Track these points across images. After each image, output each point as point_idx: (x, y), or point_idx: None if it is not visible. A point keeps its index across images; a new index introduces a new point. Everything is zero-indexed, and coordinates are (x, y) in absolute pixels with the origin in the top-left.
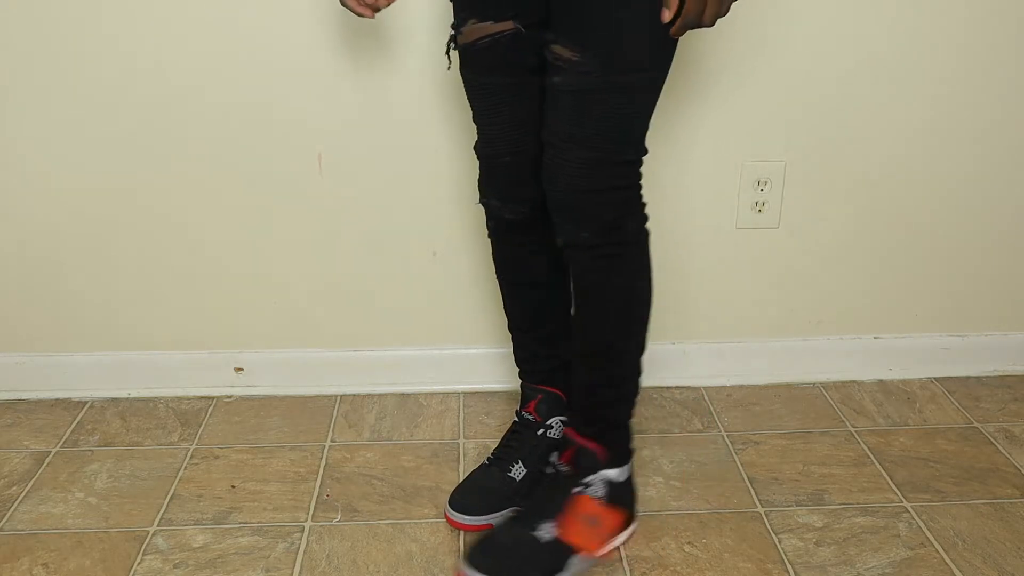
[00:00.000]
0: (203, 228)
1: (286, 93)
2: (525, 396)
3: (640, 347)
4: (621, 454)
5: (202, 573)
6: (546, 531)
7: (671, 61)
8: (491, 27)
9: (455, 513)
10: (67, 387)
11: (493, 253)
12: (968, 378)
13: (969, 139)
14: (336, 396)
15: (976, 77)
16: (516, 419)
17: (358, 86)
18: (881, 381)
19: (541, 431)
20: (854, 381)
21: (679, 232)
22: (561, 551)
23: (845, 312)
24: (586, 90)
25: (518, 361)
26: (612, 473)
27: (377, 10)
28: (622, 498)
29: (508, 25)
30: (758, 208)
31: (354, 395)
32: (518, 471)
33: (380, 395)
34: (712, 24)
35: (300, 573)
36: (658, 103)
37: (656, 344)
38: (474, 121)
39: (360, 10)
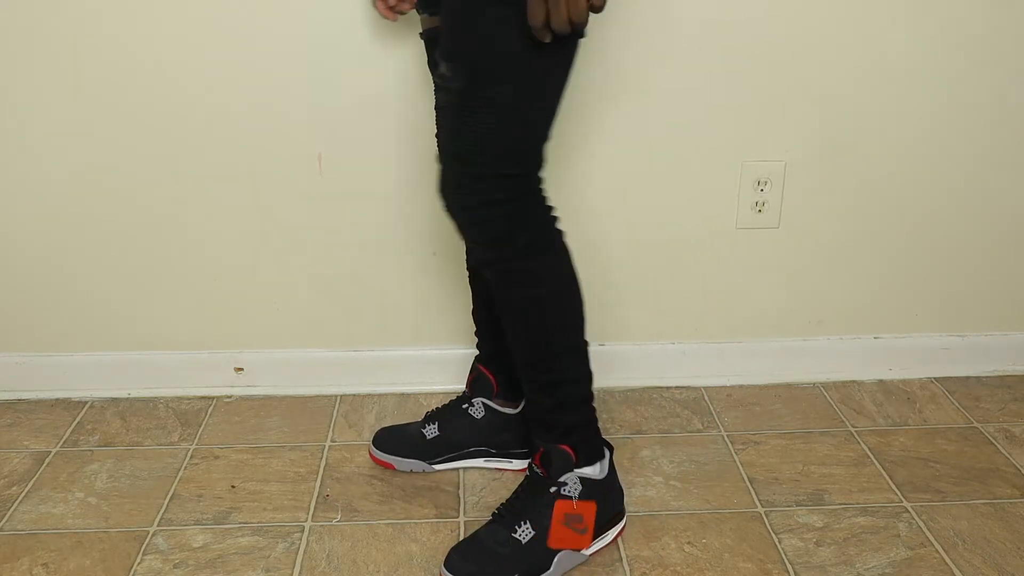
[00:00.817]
0: (203, 228)
1: (286, 93)
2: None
3: (570, 352)
4: (591, 453)
5: (202, 573)
6: (525, 532)
7: (549, 71)
8: (428, 20)
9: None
10: (67, 387)
11: None
12: (968, 378)
13: (969, 139)
14: (336, 396)
15: (976, 77)
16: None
17: (358, 86)
18: (881, 381)
19: (465, 405)
20: (854, 381)
21: (679, 232)
22: (543, 551)
23: (845, 312)
24: (457, 106)
25: None
26: (587, 471)
27: (402, 13)
28: (603, 494)
29: (437, 21)
30: (758, 208)
31: (354, 395)
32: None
33: (380, 395)
34: (570, 29)
35: (300, 573)
36: (659, 101)
37: (656, 344)
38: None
39: (386, 14)
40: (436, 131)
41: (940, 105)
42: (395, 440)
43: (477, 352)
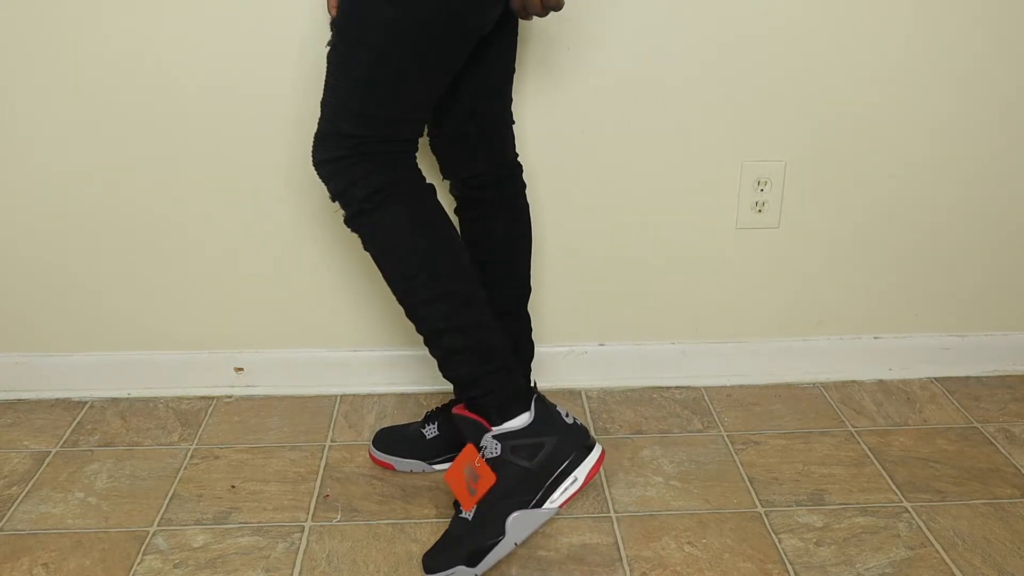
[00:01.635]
0: (203, 228)
1: (287, 93)
2: None
3: (440, 299)
4: (503, 407)
5: (202, 573)
6: (465, 511)
7: (411, 47)
8: None
9: None
10: (67, 387)
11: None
12: (968, 378)
13: (969, 139)
14: (336, 396)
15: (976, 77)
16: None
17: None
18: (881, 381)
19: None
20: (854, 381)
21: (679, 232)
22: (490, 520)
23: (845, 312)
24: (327, 62)
25: None
26: (507, 426)
27: (554, 8)
28: (534, 443)
29: None
30: (758, 208)
31: (354, 395)
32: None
33: (380, 395)
34: (546, 10)
35: (300, 573)
36: (659, 101)
37: (656, 344)
38: None
39: (537, 10)
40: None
41: (940, 105)
42: (395, 440)
43: None
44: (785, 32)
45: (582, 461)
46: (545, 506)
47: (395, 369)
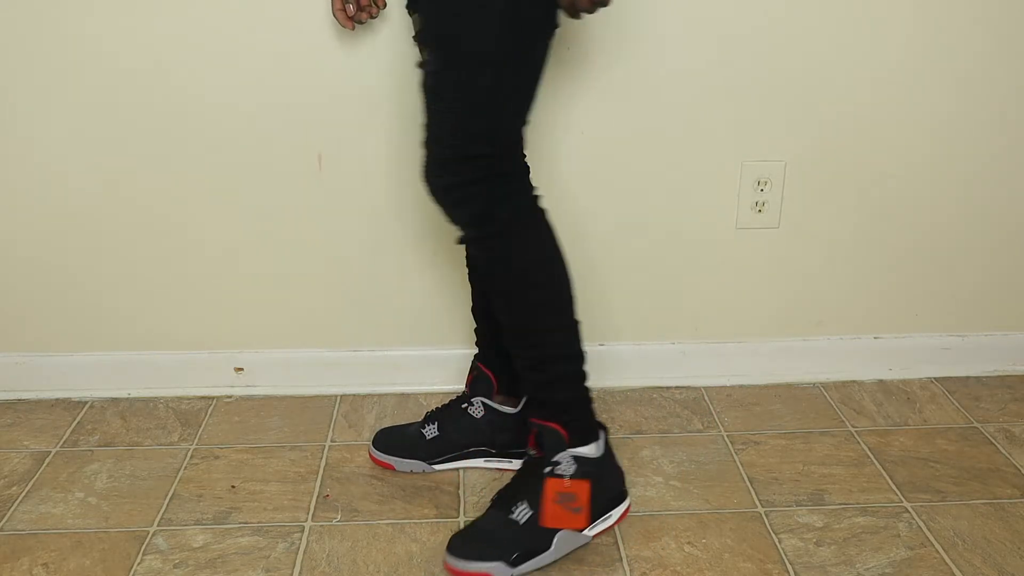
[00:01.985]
0: (203, 228)
1: (286, 93)
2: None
3: (558, 329)
4: (585, 433)
5: (202, 573)
6: (522, 512)
7: (520, 58)
8: (418, 20)
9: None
10: (67, 387)
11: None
12: (968, 378)
13: (969, 139)
14: (336, 396)
15: (976, 77)
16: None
17: (359, 86)
18: (881, 381)
19: (465, 405)
20: (854, 381)
21: (679, 232)
22: (541, 531)
23: (845, 312)
24: (433, 90)
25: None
26: (581, 450)
27: (360, 22)
28: (599, 473)
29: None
30: (758, 208)
31: (354, 395)
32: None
33: (380, 395)
34: (595, 7)
35: (300, 573)
36: (659, 101)
37: (656, 344)
38: None
39: (345, 23)
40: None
41: (940, 105)
42: (395, 441)
43: (477, 351)
44: (785, 32)
45: (619, 504)
46: (585, 532)
47: (395, 369)
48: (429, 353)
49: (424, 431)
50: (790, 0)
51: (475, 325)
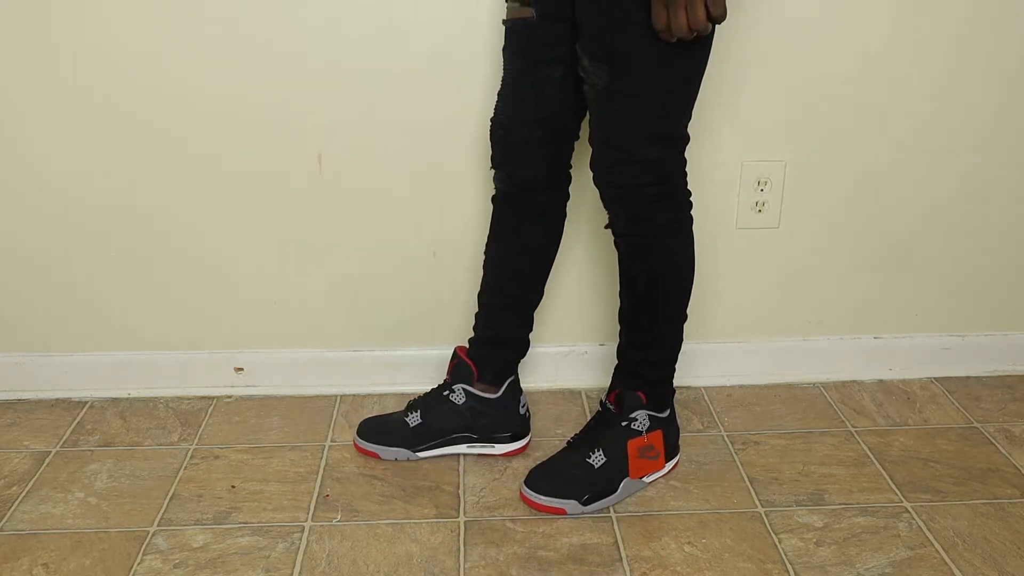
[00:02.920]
0: (203, 228)
1: (286, 93)
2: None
3: (671, 322)
4: (662, 402)
5: (202, 573)
6: (597, 458)
7: (682, 63)
8: (517, 10)
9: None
10: (67, 387)
11: (492, 219)
12: (968, 378)
13: (969, 139)
14: (336, 396)
15: (976, 77)
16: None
17: (358, 86)
18: (881, 381)
19: (447, 392)
20: (854, 381)
21: None
22: (612, 475)
23: (845, 312)
24: (602, 98)
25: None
26: (654, 412)
27: None
28: (666, 429)
29: (528, 12)
30: (758, 208)
31: (354, 395)
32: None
33: (380, 395)
34: (691, 34)
35: (300, 573)
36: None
37: None
38: (498, 95)
39: None
40: (494, 115)
41: (940, 105)
42: (379, 429)
43: (470, 336)
44: (786, 32)
45: (674, 457)
46: (642, 478)
47: (395, 369)
48: (429, 353)
49: (407, 419)
50: (791, 0)
51: (477, 310)
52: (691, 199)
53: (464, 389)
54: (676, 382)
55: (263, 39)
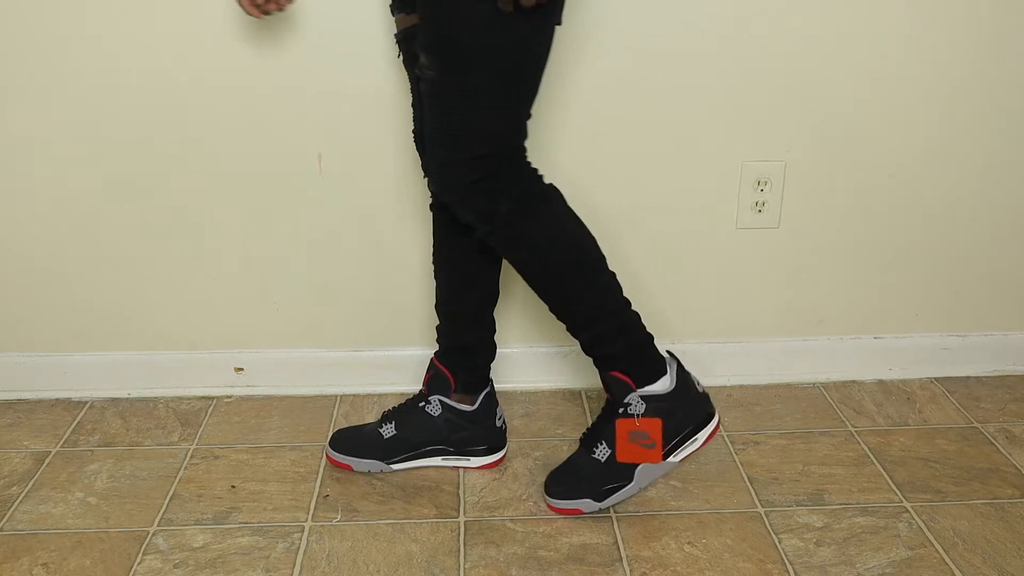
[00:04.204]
0: (203, 228)
1: (286, 93)
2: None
3: (590, 290)
4: (648, 373)
5: (202, 573)
6: (602, 451)
7: (519, 59)
8: (404, 19)
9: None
10: (67, 387)
11: (432, 227)
12: (968, 378)
13: (969, 139)
14: (336, 396)
15: (977, 78)
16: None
17: (358, 86)
18: (881, 381)
19: (423, 404)
20: (854, 381)
21: (679, 232)
22: (621, 466)
23: (845, 312)
24: (434, 94)
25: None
26: (650, 389)
27: (267, 13)
28: (672, 407)
29: (413, 19)
30: (758, 208)
31: (354, 395)
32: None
33: (380, 395)
34: (533, 2)
35: (300, 573)
36: (659, 101)
37: (656, 344)
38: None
39: (251, 11)
40: (413, 126)
41: (940, 105)
42: (352, 441)
43: (436, 348)
44: (785, 32)
45: (704, 427)
46: (668, 460)
47: (395, 369)
48: (429, 353)
49: (381, 430)
50: (790, 0)
51: (437, 322)
52: (533, 169)
53: (440, 401)
54: None
55: (264, 39)
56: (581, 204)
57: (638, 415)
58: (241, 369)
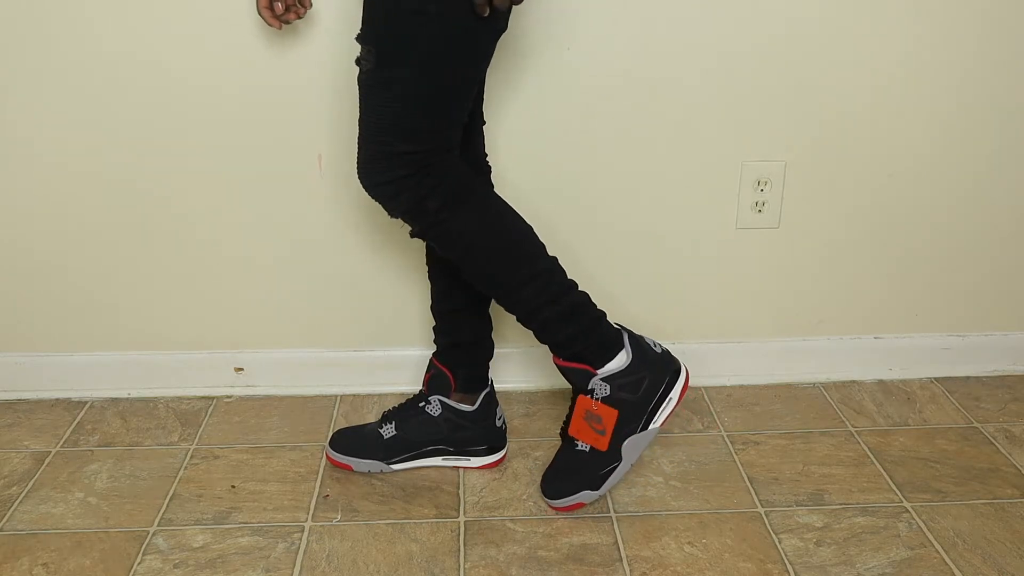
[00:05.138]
0: (203, 228)
1: (286, 93)
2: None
3: (529, 281)
4: (603, 352)
5: (202, 573)
6: (582, 442)
7: (453, 58)
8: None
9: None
10: (67, 387)
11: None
12: (968, 378)
13: (969, 139)
14: (336, 396)
15: (977, 78)
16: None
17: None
18: (881, 381)
19: (423, 404)
20: (854, 381)
21: (679, 232)
22: (607, 451)
23: (845, 312)
24: (366, 87)
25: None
26: (609, 367)
27: (287, 22)
28: (635, 379)
29: None
30: (758, 208)
31: (354, 395)
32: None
33: (380, 395)
34: (508, 4)
35: (300, 573)
36: (659, 101)
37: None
38: None
39: (272, 22)
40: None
41: (940, 105)
42: (352, 441)
43: (435, 349)
44: (785, 32)
45: (675, 384)
46: (650, 427)
47: (395, 369)
48: (428, 353)
49: (382, 431)
50: (790, 0)
51: (433, 323)
52: (462, 166)
53: (440, 401)
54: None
55: (264, 39)
56: (580, 204)
57: (600, 398)
58: (241, 369)
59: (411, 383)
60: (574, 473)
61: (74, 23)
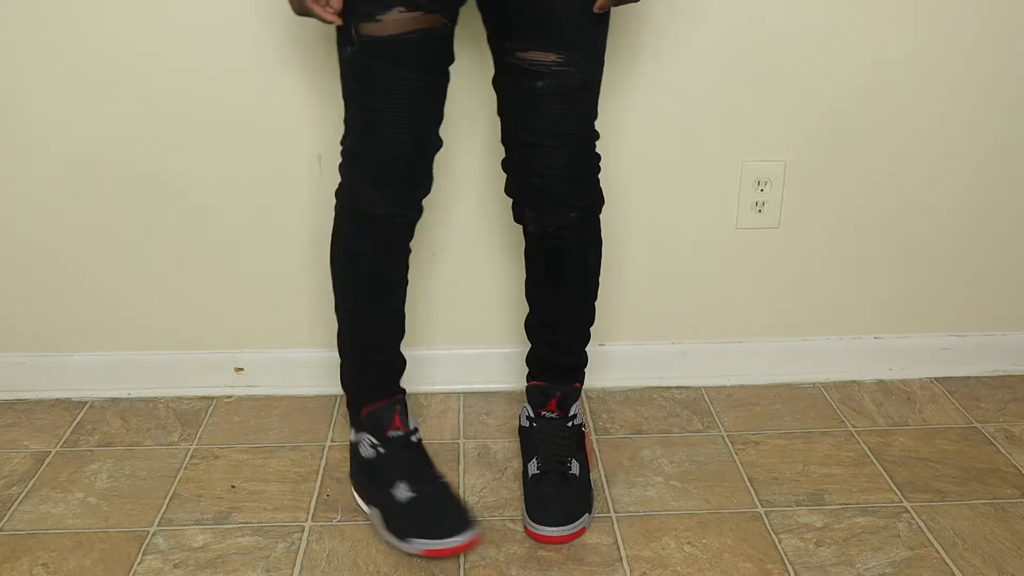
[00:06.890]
0: (203, 228)
1: (287, 94)
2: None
3: (593, 305)
4: (583, 371)
5: (202, 573)
6: (574, 466)
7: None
8: (420, 19)
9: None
10: (67, 387)
11: (361, 265)
12: (968, 378)
13: (969, 139)
14: (336, 396)
15: (977, 78)
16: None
17: None
18: (881, 381)
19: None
20: (854, 381)
21: (679, 232)
22: (587, 469)
23: (845, 312)
24: (569, 89)
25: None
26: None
27: (342, 15)
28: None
29: (436, 20)
30: (758, 208)
31: None
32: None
33: None
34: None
35: (300, 573)
36: (659, 101)
37: (656, 344)
38: (367, 119)
39: (329, 17)
40: (392, 121)
41: (940, 105)
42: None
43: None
44: (785, 32)
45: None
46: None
47: None
48: (429, 353)
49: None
50: (791, 0)
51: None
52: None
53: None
54: (676, 382)
55: (264, 38)
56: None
57: (582, 423)
58: (241, 369)
59: (411, 383)
60: (572, 499)
61: (76, 24)
